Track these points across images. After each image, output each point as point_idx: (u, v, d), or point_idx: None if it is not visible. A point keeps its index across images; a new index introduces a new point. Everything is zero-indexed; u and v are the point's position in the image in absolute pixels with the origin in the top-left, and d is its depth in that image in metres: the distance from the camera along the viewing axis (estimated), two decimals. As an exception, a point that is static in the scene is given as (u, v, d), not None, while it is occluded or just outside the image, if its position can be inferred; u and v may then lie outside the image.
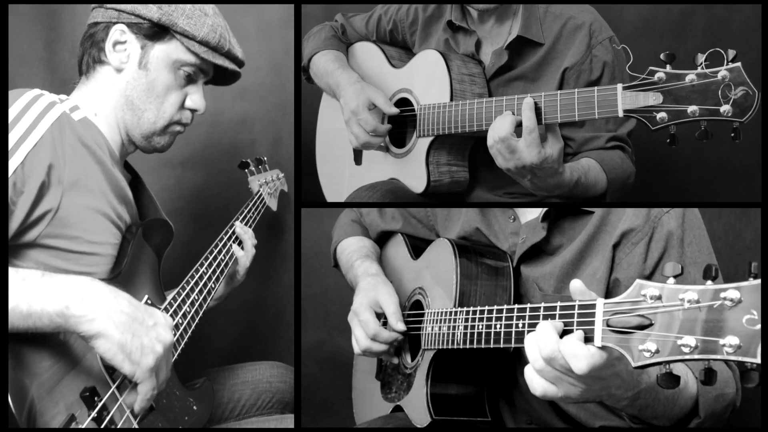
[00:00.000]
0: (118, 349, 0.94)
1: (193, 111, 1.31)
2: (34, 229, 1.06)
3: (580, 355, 0.82)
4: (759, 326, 0.69)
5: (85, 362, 1.00)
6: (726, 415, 1.06)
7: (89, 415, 0.97)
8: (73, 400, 0.96)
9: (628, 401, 0.94)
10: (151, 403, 1.05)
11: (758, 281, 0.70)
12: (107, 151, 1.19)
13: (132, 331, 0.96)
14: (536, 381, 0.89)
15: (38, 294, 0.91)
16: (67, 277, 0.96)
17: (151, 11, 1.21)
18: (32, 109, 1.07)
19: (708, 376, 0.73)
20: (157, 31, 1.22)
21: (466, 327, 1.15)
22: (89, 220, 1.12)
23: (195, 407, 1.25)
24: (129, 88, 1.23)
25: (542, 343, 0.86)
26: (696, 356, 0.73)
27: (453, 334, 1.18)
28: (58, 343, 0.98)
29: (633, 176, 1.43)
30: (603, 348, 0.83)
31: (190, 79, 1.29)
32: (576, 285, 0.88)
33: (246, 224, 1.56)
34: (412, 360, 1.37)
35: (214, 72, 1.33)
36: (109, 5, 1.22)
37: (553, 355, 0.85)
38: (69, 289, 0.93)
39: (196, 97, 1.30)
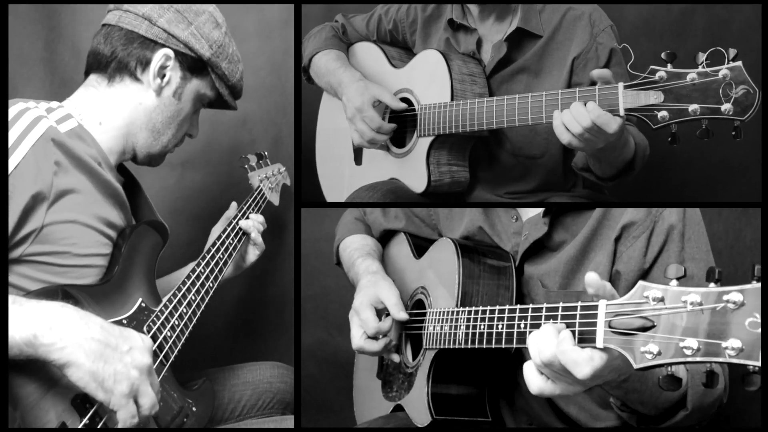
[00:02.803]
0: (89, 377, 0.91)
1: (189, 136, 1.37)
2: (19, 248, 1.05)
3: (582, 361, 0.82)
4: (761, 329, 0.68)
5: None
6: (713, 410, 1.06)
7: (81, 422, 0.95)
8: (64, 408, 0.95)
9: (616, 383, 0.95)
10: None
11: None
12: (99, 158, 1.17)
13: (104, 358, 0.93)
14: (533, 379, 0.89)
15: None
16: (36, 304, 0.93)
17: (204, 48, 1.24)
18: (17, 125, 1.05)
19: (710, 378, 0.73)
20: (200, 67, 1.26)
21: (467, 327, 1.15)
22: (77, 234, 1.11)
23: (194, 408, 1.24)
24: (157, 112, 1.25)
25: (542, 346, 0.86)
26: (698, 358, 0.72)
27: (455, 334, 1.18)
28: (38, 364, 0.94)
29: (648, 149, 1.42)
30: (603, 349, 0.82)
31: (197, 109, 1.34)
32: (592, 277, 0.85)
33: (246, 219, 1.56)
34: (414, 359, 1.37)
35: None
36: (158, 23, 1.21)
37: (552, 360, 0.85)
38: (37, 316, 0.91)
39: (196, 125, 1.37)
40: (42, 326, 0.89)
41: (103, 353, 0.93)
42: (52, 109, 1.15)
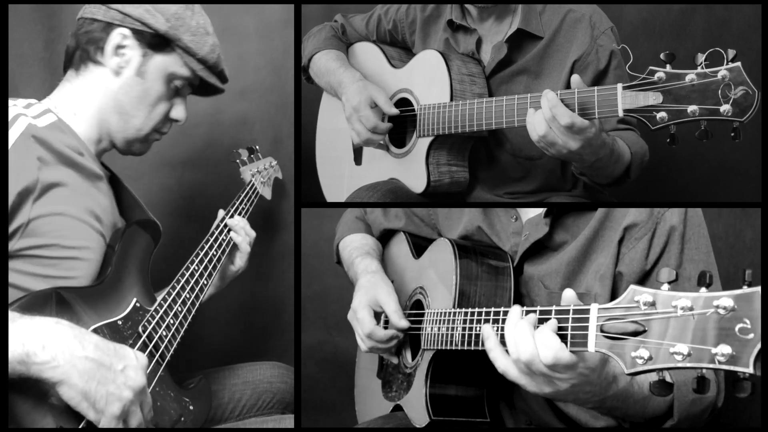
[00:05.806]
0: (81, 397, 0.91)
1: (174, 121, 1.34)
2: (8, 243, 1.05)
3: (549, 347, 0.86)
4: (752, 335, 0.68)
5: None
6: (705, 416, 1.07)
7: (79, 425, 0.95)
8: (61, 411, 0.94)
9: (595, 404, 0.96)
10: None
11: (752, 289, 0.69)
12: (80, 148, 1.18)
13: (97, 378, 0.93)
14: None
15: None
16: (30, 321, 0.92)
17: (159, 22, 1.22)
18: None
19: (701, 384, 0.72)
20: (160, 42, 1.24)
21: (464, 328, 1.15)
22: (65, 226, 1.11)
23: (191, 407, 1.24)
24: (122, 93, 1.24)
25: (521, 348, 0.89)
26: (688, 364, 0.72)
27: (451, 335, 1.18)
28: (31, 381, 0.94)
29: (648, 154, 1.43)
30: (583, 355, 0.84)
31: (177, 91, 1.31)
32: (569, 294, 0.90)
33: (239, 215, 1.56)
34: (413, 359, 1.37)
35: (198, 85, 1.35)
36: (113, 6, 1.21)
37: (530, 359, 0.88)
38: (30, 334, 0.90)
39: (180, 109, 1.33)
40: (35, 345, 0.89)
41: (96, 373, 0.93)
42: (31, 105, 1.16)
